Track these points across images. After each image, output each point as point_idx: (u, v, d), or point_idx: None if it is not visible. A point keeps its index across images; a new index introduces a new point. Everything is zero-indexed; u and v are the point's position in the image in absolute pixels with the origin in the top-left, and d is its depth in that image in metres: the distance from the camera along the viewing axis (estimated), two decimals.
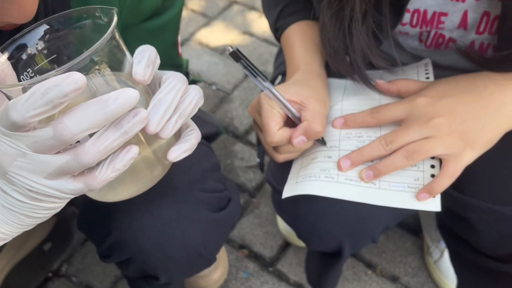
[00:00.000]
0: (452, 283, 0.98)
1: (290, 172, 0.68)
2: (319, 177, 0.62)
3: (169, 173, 0.50)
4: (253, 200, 1.19)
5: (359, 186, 0.61)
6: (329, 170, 0.63)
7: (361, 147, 0.63)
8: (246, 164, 1.26)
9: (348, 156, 0.62)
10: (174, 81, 0.43)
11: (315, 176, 0.63)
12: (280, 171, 0.70)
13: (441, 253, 1.00)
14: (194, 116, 0.48)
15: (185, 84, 0.44)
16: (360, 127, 0.66)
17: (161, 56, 0.46)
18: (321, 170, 0.63)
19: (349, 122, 0.66)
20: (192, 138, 0.46)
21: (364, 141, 0.64)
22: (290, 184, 0.66)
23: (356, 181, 0.62)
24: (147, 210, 0.61)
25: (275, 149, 0.66)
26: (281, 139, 0.61)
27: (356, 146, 0.64)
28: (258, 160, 0.89)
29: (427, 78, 0.68)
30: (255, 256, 1.10)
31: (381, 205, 0.60)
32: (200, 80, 1.44)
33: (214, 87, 1.46)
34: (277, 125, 0.61)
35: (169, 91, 0.42)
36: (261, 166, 0.90)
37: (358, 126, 0.66)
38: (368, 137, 0.64)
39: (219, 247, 0.70)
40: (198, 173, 0.66)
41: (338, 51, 0.64)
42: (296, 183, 0.64)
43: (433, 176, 0.60)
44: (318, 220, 0.67)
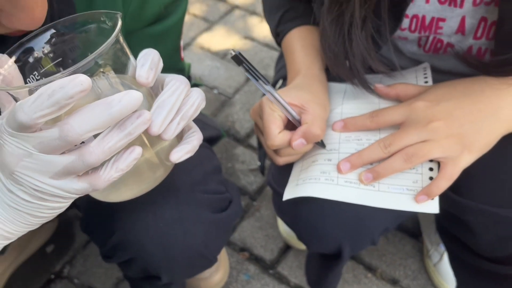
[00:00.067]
0: (452, 286, 0.98)
1: (291, 175, 0.69)
2: (319, 180, 0.63)
3: (171, 175, 0.51)
4: (254, 203, 1.20)
5: (359, 189, 0.62)
6: (329, 173, 0.63)
7: (361, 150, 0.63)
8: (248, 167, 1.26)
9: (348, 159, 0.63)
10: (177, 84, 0.44)
11: (315, 179, 0.63)
12: (281, 174, 0.71)
13: (441, 256, 1.01)
14: (196, 119, 0.48)
15: (187, 87, 0.45)
16: (360, 131, 0.67)
17: (164, 61, 0.46)
18: (321, 173, 0.64)
19: (349, 126, 0.67)
20: (194, 140, 0.47)
21: (364, 144, 0.64)
22: (291, 187, 0.66)
23: (356, 184, 0.62)
24: (150, 211, 0.61)
25: (276, 152, 0.66)
26: (282, 142, 0.62)
27: (356, 149, 0.64)
28: (259, 164, 0.90)
29: (426, 82, 0.69)
30: (256, 259, 1.10)
31: (380, 207, 0.60)
32: (202, 84, 1.44)
33: (216, 91, 1.47)
34: (278, 128, 0.62)
35: (172, 94, 0.43)
36: (262, 169, 0.91)
37: (358, 130, 0.67)
38: (368, 140, 0.65)
39: (220, 248, 0.70)
40: (200, 175, 0.67)
41: (338, 56, 0.65)
42: (297, 186, 0.65)
43: (431, 179, 0.60)
44: (318, 222, 0.68)
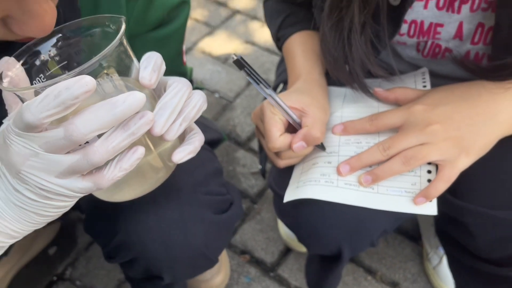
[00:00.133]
0: None
1: (291, 177, 0.69)
2: (319, 182, 0.64)
3: (173, 176, 0.51)
4: (255, 206, 1.20)
5: (358, 191, 0.62)
6: (329, 175, 0.64)
7: (360, 153, 0.64)
8: (249, 171, 1.27)
9: (347, 162, 0.64)
10: (179, 86, 0.44)
11: (316, 181, 0.64)
12: (282, 177, 0.71)
13: (440, 259, 1.01)
14: (198, 122, 0.49)
15: (190, 89, 0.45)
16: (359, 134, 0.67)
17: (166, 65, 0.46)
18: (321, 175, 0.64)
19: (349, 129, 0.68)
20: (196, 141, 0.47)
21: (363, 147, 0.65)
22: (291, 189, 0.67)
23: (355, 186, 0.63)
24: (152, 211, 0.62)
25: (277, 155, 0.67)
26: (283, 145, 0.63)
27: (355, 152, 0.65)
28: (260, 167, 0.90)
29: (424, 87, 0.69)
30: (257, 261, 1.11)
31: (380, 209, 0.61)
32: (203, 88, 1.45)
33: (217, 95, 1.48)
34: (279, 131, 0.63)
35: (174, 96, 0.44)
36: (263, 173, 0.92)
37: (357, 133, 0.67)
38: (367, 143, 0.66)
39: (221, 249, 0.71)
40: (201, 177, 0.67)
41: (338, 60, 0.65)
42: (297, 188, 0.66)
43: (430, 181, 0.61)
44: (318, 224, 0.68)
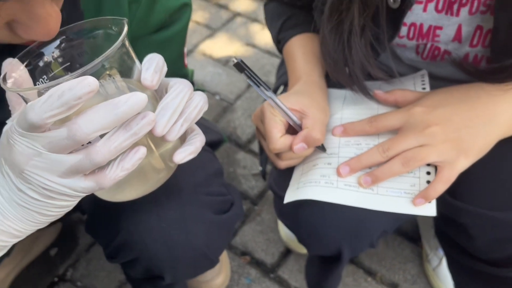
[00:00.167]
0: None
1: (292, 179, 0.70)
2: (319, 183, 0.64)
3: (175, 176, 0.52)
4: (255, 208, 1.21)
5: (358, 192, 0.63)
6: (329, 176, 0.64)
7: (360, 154, 0.64)
8: (249, 172, 1.27)
9: (347, 163, 0.64)
10: (180, 87, 0.45)
11: (316, 182, 0.65)
12: (282, 178, 0.72)
13: (440, 260, 1.01)
14: (199, 124, 0.50)
15: (191, 90, 0.46)
16: (359, 135, 0.68)
17: (168, 67, 0.47)
18: (321, 176, 0.65)
19: (348, 131, 0.68)
20: (197, 142, 0.48)
21: (363, 149, 0.66)
22: (292, 190, 0.67)
23: (355, 187, 0.63)
24: (153, 211, 0.63)
25: (278, 156, 0.68)
26: (283, 146, 0.63)
27: (355, 154, 0.66)
28: (261, 168, 0.91)
29: (424, 89, 0.70)
30: (257, 263, 1.11)
31: (379, 210, 0.61)
32: (204, 90, 1.45)
33: (218, 97, 1.48)
34: (279, 133, 0.63)
35: (176, 96, 0.44)
36: (263, 174, 0.92)
37: (357, 134, 0.68)
38: (367, 145, 0.66)
39: (222, 249, 0.71)
40: (202, 177, 0.68)
41: (338, 63, 0.66)
42: (297, 189, 0.66)
43: (429, 182, 0.62)
44: (318, 225, 0.69)
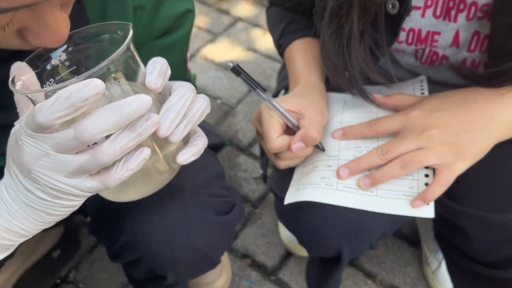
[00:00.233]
0: None
1: (292, 180, 0.71)
2: (319, 185, 0.65)
3: (177, 178, 0.53)
4: (256, 211, 1.21)
5: (357, 194, 0.64)
6: (329, 178, 0.65)
7: (359, 157, 0.65)
8: (250, 176, 1.28)
9: (347, 165, 0.65)
10: (184, 90, 0.46)
11: (316, 184, 0.66)
12: (282, 180, 0.73)
13: (439, 263, 1.02)
14: (201, 127, 0.51)
15: (194, 93, 0.47)
16: (359, 139, 0.69)
17: (171, 71, 0.48)
18: (321, 178, 0.66)
19: (348, 134, 0.69)
20: (200, 143, 0.49)
21: (362, 152, 0.67)
22: (292, 191, 0.68)
23: (354, 189, 0.64)
24: (157, 212, 0.63)
25: (277, 156, 0.69)
26: (281, 146, 0.65)
27: (355, 156, 0.67)
28: (261, 171, 0.92)
29: (422, 94, 0.71)
30: (258, 265, 1.12)
31: (378, 212, 0.62)
32: (206, 94, 1.46)
33: (219, 101, 1.49)
34: (277, 133, 0.64)
35: (179, 99, 0.45)
36: (264, 177, 0.93)
37: (357, 138, 0.69)
38: (366, 148, 0.67)
39: (223, 249, 0.72)
40: (204, 179, 0.69)
41: (338, 67, 0.67)
42: (298, 190, 0.67)
43: (427, 185, 0.63)
44: (318, 226, 0.70)
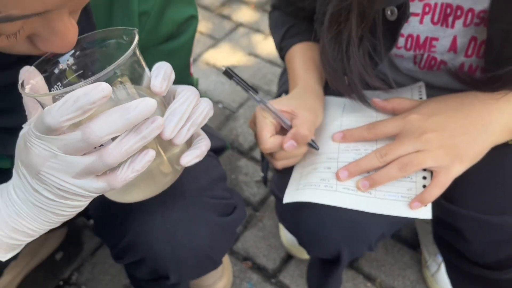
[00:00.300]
0: None
1: (291, 179, 0.72)
2: (319, 186, 0.66)
3: (180, 180, 0.54)
4: (257, 214, 1.22)
5: (356, 195, 0.65)
6: (328, 180, 0.67)
7: (358, 159, 0.67)
8: (251, 179, 1.29)
9: (346, 167, 0.67)
10: (187, 94, 0.47)
11: (315, 185, 0.67)
12: (283, 181, 0.74)
13: (438, 266, 1.03)
14: (203, 130, 0.52)
15: (197, 97, 0.48)
16: (358, 141, 0.70)
17: (175, 76, 0.49)
18: (321, 180, 0.67)
19: (348, 136, 0.71)
20: (203, 146, 0.50)
21: (361, 154, 0.68)
22: (291, 190, 0.69)
23: (353, 190, 0.65)
24: (160, 213, 0.65)
25: (272, 156, 0.70)
26: (273, 146, 0.66)
27: (354, 159, 0.68)
28: (262, 174, 0.93)
29: (420, 99, 0.72)
30: (259, 268, 1.13)
31: (377, 213, 0.63)
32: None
33: (220, 105, 1.50)
34: (269, 133, 0.66)
35: (183, 103, 0.46)
36: (265, 180, 0.94)
37: (356, 140, 0.70)
38: (365, 150, 0.68)
39: (225, 250, 0.73)
40: (207, 181, 0.70)
41: (337, 72, 0.68)
42: (297, 190, 0.68)
43: (425, 187, 0.64)
44: (318, 227, 0.71)
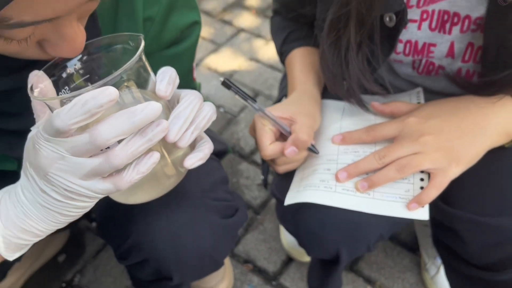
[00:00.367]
0: None
1: (292, 182, 0.73)
2: (319, 187, 0.68)
3: (183, 182, 0.55)
4: (258, 217, 1.23)
5: (355, 196, 0.66)
6: (328, 181, 0.68)
7: (357, 161, 0.68)
8: (252, 182, 1.30)
9: (345, 169, 0.68)
10: (191, 98, 0.48)
11: (315, 186, 0.68)
12: (283, 183, 0.75)
13: (438, 269, 1.04)
14: (206, 134, 0.53)
15: (201, 101, 0.50)
16: (357, 144, 0.71)
17: (179, 80, 0.50)
18: (321, 181, 0.68)
19: (347, 139, 0.72)
20: (206, 149, 0.51)
21: (360, 156, 0.69)
22: (292, 193, 0.71)
23: (352, 191, 0.67)
24: (163, 214, 0.66)
25: (274, 162, 0.72)
26: (273, 153, 0.67)
27: (353, 160, 0.69)
28: (262, 177, 0.94)
29: (418, 103, 0.73)
30: (259, 270, 1.13)
31: (375, 214, 0.64)
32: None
33: (222, 110, 1.52)
34: (269, 140, 0.67)
35: (187, 107, 0.47)
36: (265, 184, 0.95)
37: (355, 143, 0.71)
38: (364, 152, 0.70)
39: (227, 251, 0.74)
40: (209, 184, 0.71)
41: (336, 77, 0.70)
42: (298, 192, 0.69)
43: (422, 188, 0.65)
44: (317, 227, 0.72)
